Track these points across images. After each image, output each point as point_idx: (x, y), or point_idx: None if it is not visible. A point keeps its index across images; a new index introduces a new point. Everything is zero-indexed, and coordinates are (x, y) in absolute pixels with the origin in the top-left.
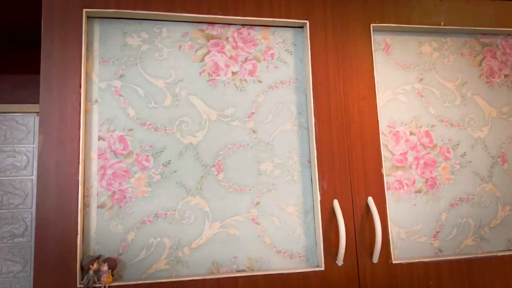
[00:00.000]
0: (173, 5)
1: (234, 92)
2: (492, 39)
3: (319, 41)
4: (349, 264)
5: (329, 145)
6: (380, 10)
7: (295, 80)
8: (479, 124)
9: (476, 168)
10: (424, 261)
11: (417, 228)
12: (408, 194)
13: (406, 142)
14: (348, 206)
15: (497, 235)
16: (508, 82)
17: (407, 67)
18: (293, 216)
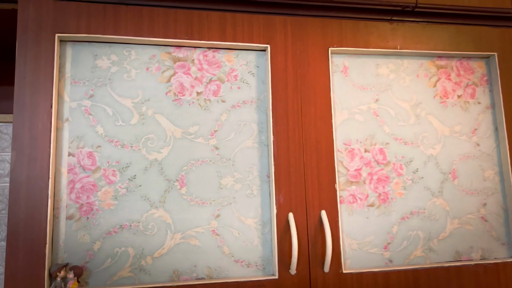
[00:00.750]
0: (141, 30)
1: (198, 111)
2: (447, 61)
3: (280, 64)
4: (302, 273)
5: (286, 162)
6: (338, 35)
7: (256, 100)
8: (432, 142)
9: (427, 183)
10: (373, 271)
11: (369, 239)
12: (361, 207)
13: (361, 159)
14: (303, 219)
15: (445, 247)
16: (461, 102)
17: (364, 88)
18: (251, 228)
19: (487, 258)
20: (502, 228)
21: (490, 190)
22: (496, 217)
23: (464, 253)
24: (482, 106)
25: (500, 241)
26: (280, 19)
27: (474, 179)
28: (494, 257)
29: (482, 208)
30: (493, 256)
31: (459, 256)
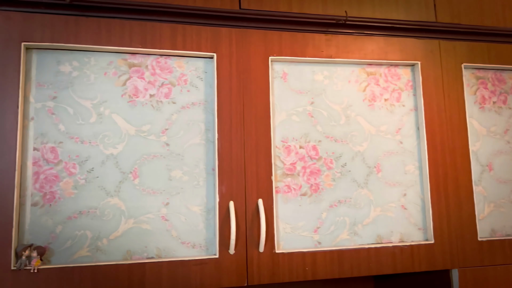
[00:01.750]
0: (100, 39)
1: (151, 111)
2: (376, 68)
3: (225, 70)
4: (239, 253)
5: (228, 157)
6: (278, 45)
7: (204, 102)
8: (359, 140)
9: (354, 176)
10: (302, 251)
11: (301, 224)
12: (295, 196)
13: (296, 154)
14: (242, 206)
15: (368, 231)
16: (388, 105)
17: (301, 92)
18: (197, 214)
19: (405, 241)
20: (419, 215)
21: (410, 182)
22: (414, 205)
23: (385, 236)
24: (406, 109)
25: (417, 227)
26: (226, 30)
27: (396, 173)
28: (411, 240)
29: (402, 197)
30: (411, 239)
31: (380, 239)
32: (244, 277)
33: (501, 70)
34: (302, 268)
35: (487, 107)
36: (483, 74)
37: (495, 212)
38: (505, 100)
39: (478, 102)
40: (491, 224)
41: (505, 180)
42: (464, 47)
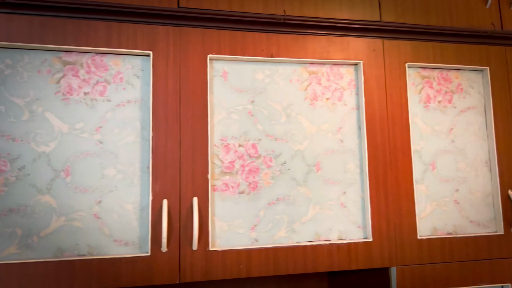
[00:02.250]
0: (32, 37)
1: (85, 109)
2: (318, 67)
3: (161, 69)
4: (172, 250)
5: (163, 155)
6: (217, 44)
7: (140, 100)
8: (300, 138)
9: (293, 174)
10: (237, 249)
11: (238, 222)
12: (232, 194)
13: (235, 153)
14: (176, 204)
15: (306, 229)
16: (329, 104)
17: (241, 91)
18: (130, 212)
19: (344, 239)
20: (359, 213)
21: (350, 181)
22: (354, 203)
23: (323, 234)
24: (348, 108)
25: (357, 225)
26: (163, 28)
27: (336, 171)
28: (350, 238)
29: (342, 196)
30: (350, 237)
31: (318, 237)
32: (176, 275)
33: (447, 70)
34: (236, 265)
35: (432, 106)
36: (429, 73)
37: (437, 211)
38: (450, 99)
39: (423, 101)
40: (433, 222)
41: (448, 179)
42: (408, 47)
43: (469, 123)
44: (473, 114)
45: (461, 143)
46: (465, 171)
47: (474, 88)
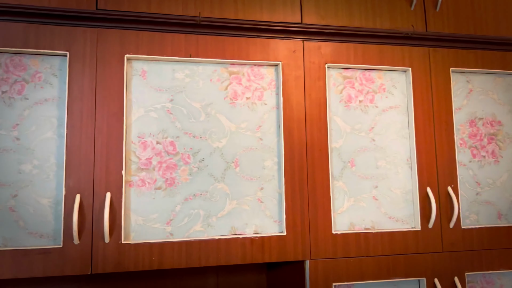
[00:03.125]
0: None
1: (2, 107)
2: (239, 68)
3: (77, 68)
4: (84, 243)
5: (77, 151)
6: (135, 44)
7: (58, 99)
8: (219, 136)
9: (211, 171)
10: (149, 242)
11: (154, 216)
12: (149, 190)
13: (152, 150)
14: (90, 199)
15: (222, 223)
16: (249, 103)
17: (160, 90)
18: (46, 206)
19: (260, 232)
20: (275, 208)
21: (268, 177)
22: (271, 199)
23: (239, 228)
24: (268, 107)
25: (273, 219)
26: (81, 30)
27: (254, 168)
28: (266, 232)
29: (259, 191)
30: (266, 231)
31: (234, 231)
32: (88, 266)
33: (370, 70)
34: (148, 258)
35: (353, 105)
36: (351, 74)
37: (355, 207)
38: (372, 99)
39: (344, 101)
40: (350, 218)
41: (367, 176)
42: (329, 48)
43: (391, 122)
44: (396, 113)
45: (382, 141)
46: (385, 168)
47: (397, 88)
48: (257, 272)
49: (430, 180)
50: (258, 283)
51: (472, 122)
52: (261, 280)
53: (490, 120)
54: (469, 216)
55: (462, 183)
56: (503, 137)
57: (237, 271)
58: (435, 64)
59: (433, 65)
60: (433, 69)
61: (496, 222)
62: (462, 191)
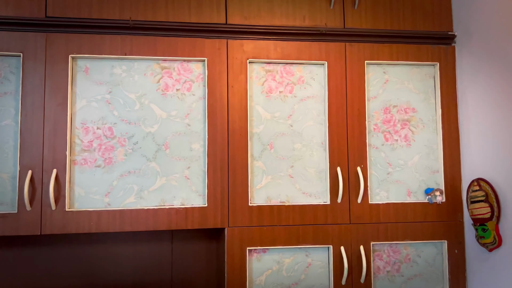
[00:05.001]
0: None
1: None
2: (170, 63)
3: (30, 66)
4: (36, 210)
5: (29, 136)
6: (78, 45)
7: (14, 92)
8: (151, 123)
9: (144, 152)
10: (89, 210)
11: (94, 190)
12: (90, 168)
13: (93, 134)
14: (40, 174)
15: (153, 196)
16: (179, 94)
17: (100, 83)
18: (5, 179)
19: (186, 204)
20: (200, 184)
21: (194, 158)
22: (197, 176)
23: (168, 200)
24: (196, 97)
25: (198, 193)
26: (32, 34)
27: (182, 150)
28: (191, 204)
29: (186, 170)
30: (191, 203)
31: (163, 202)
32: (38, 228)
33: (291, 64)
34: (88, 222)
35: (273, 96)
36: (273, 68)
37: (272, 183)
38: (291, 90)
39: (265, 92)
40: (267, 192)
41: (284, 157)
42: (251, 45)
43: (308, 110)
44: (313, 102)
45: (299, 127)
46: (301, 150)
47: (315, 80)
48: (208, 241)
49: (340, 161)
50: (208, 249)
51: (387, 109)
52: (211, 247)
53: (404, 107)
54: (379, 193)
55: (374, 164)
56: (416, 123)
57: (190, 239)
58: (351, 57)
59: (349, 58)
60: (348, 62)
61: (406, 199)
62: (374, 171)
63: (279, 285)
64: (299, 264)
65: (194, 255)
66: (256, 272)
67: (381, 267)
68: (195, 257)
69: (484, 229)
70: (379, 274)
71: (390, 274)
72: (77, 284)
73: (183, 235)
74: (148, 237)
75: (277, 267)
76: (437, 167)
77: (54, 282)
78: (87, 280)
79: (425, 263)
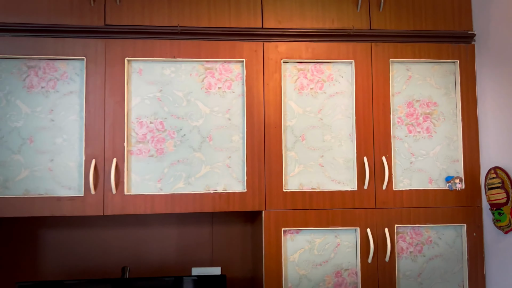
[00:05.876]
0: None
1: (41, 98)
2: (212, 64)
3: (92, 69)
4: (99, 194)
5: (93, 129)
6: (133, 49)
7: (79, 91)
8: (196, 117)
9: (191, 143)
10: (145, 194)
11: (148, 176)
12: (144, 157)
13: (147, 127)
14: (102, 163)
15: (199, 182)
16: (221, 92)
17: (152, 83)
18: (73, 167)
19: (227, 190)
20: (240, 171)
21: (234, 148)
22: (237, 165)
23: (212, 186)
24: (235, 94)
25: (238, 180)
26: (93, 40)
27: (224, 141)
28: (232, 189)
29: (227, 159)
30: (232, 189)
31: (208, 188)
32: (101, 209)
33: (321, 63)
34: (143, 205)
35: (305, 92)
36: (304, 67)
37: (304, 172)
38: (321, 86)
39: (298, 89)
40: (300, 180)
41: (315, 148)
42: (284, 46)
43: (337, 105)
44: (341, 97)
45: (328, 120)
46: (330, 142)
47: (343, 77)
48: (244, 224)
49: (367, 151)
50: (244, 231)
51: (410, 103)
52: (246, 229)
53: (426, 102)
54: (403, 181)
55: (398, 154)
56: (437, 116)
57: (228, 222)
58: (376, 56)
59: (374, 57)
60: (374, 60)
61: (427, 186)
62: (398, 160)
63: (310, 263)
64: (329, 244)
65: (231, 236)
66: (290, 250)
67: (404, 248)
68: (232, 238)
69: (500, 213)
70: (402, 254)
71: (412, 254)
72: (126, 261)
73: (222, 219)
74: (190, 220)
75: (309, 246)
76: (457, 156)
77: (107, 259)
78: (135, 258)
79: (445, 244)
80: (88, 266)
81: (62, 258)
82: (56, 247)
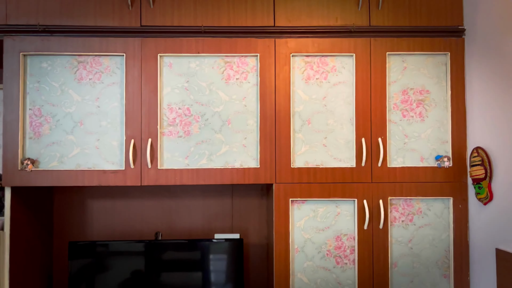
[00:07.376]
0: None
1: (89, 87)
2: (231, 59)
3: (130, 63)
4: (137, 167)
5: (131, 114)
6: (164, 46)
7: (119, 82)
8: (217, 104)
9: (213, 126)
10: (174, 168)
11: (177, 154)
12: (174, 138)
13: (176, 113)
14: (139, 142)
15: (220, 159)
16: (238, 82)
17: (180, 75)
18: (115, 146)
19: (243, 166)
20: (254, 150)
21: (250, 131)
22: (252, 145)
23: (230, 162)
24: (251, 84)
25: (253, 157)
26: (131, 39)
27: (241, 125)
28: (247, 165)
29: (244, 140)
30: (247, 165)
31: (227, 164)
32: (139, 180)
33: (325, 56)
34: (173, 177)
35: (311, 82)
36: (311, 59)
37: (309, 151)
38: (326, 77)
39: (305, 79)
40: (306, 158)
41: (319, 131)
42: (293, 42)
43: (339, 93)
44: (343, 86)
45: (331, 106)
46: (333, 125)
47: (345, 69)
48: (260, 197)
49: (365, 133)
50: (260, 203)
51: (405, 91)
52: (262, 202)
53: (419, 90)
54: (397, 159)
55: (393, 136)
56: (429, 102)
57: (246, 195)
58: (375, 50)
59: (373, 51)
60: (372, 53)
61: (419, 164)
62: (392, 141)
63: (314, 228)
64: (330, 213)
65: (249, 207)
66: (297, 217)
67: (397, 217)
68: (250, 209)
69: (480, 187)
70: (395, 223)
71: (404, 223)
72: (160, 228)
73: (241, 192)
74: (213, 193)
75: (313, 214)
76: (446, 138)
77: (144, 225)
78: (167, 225)
79: (434, 215)
80: (128, 231)
81: (106, 223)
82: (102, 214)
